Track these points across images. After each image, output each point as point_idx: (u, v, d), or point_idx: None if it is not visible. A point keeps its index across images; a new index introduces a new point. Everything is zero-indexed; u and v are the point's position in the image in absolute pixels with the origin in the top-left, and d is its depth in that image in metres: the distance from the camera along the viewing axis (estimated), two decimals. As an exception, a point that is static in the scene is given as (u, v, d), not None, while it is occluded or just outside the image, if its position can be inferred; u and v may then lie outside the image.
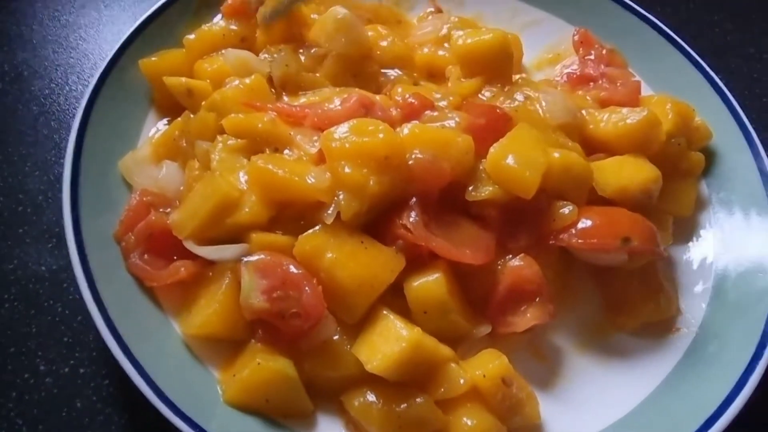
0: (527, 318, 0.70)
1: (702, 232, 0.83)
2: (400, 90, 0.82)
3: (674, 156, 0.83)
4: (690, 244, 0.82)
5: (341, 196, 0.66)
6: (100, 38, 1.05)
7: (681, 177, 0.84)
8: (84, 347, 0.74)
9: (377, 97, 0.79)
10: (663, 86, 0.95)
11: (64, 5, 1.08)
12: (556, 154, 0.74)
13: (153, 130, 0.83)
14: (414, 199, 0.69)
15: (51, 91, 0.97)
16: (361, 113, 0.74)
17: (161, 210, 0.73)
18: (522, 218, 0.73)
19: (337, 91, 0.80)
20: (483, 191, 0.72)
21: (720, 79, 0.92)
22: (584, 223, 0.72)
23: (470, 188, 0.72)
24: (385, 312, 0.66)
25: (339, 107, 0.75)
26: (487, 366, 0.65)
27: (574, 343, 0.75)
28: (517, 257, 0.71)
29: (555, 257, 0.75)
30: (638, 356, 0.75)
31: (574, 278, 0.78)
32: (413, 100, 0.77)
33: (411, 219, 0.68)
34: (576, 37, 0.97)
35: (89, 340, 0.75)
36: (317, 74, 0.84)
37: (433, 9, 1.05)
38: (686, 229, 0.83)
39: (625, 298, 0.76)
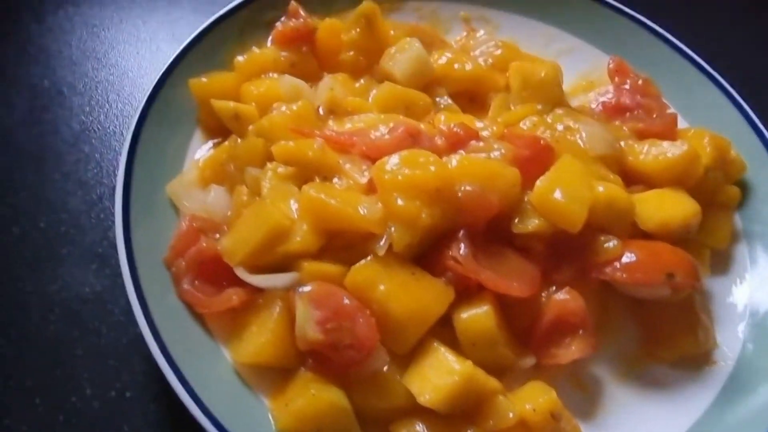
0: (571, 351, 0.71)
1: (738, 264, 0.84)
2: (443, 118, 0.83)
3: (711, 189, 0.84)
4: (726, 276, 0.83)
5: (393, 228, 0.67)
6: (139, 56, 1.05)
7: (717, 209, 0.85)
8: (130, 370, 0.75)
9: (422, 125, 0.80)
10: (696, 117, 0.96)
11: (103, 21, 1.09)
12: (601, 188, 0.75)
13: (198, 153, 0.84)
14: (462, 232, 0.70)
15: (91, 108, 0.98)
16: (408, 143, 0.75)
17: (210, 236, 0.73)
18: (566, 251, 0.74)
19: (382, 118, 0.81)
20: (529, 224, 0.73)
21: (752, 110, 0.94)
22: (628, 258, 0.73)
23: (516, 220, 0.73)
24: (435, 344, 0.66)
25: (387, 136, 0.76)
26: (537, 400, 0.66)
27: (613, 374, 0.76)
28: (562, 290, 0.72)
29: (597, 290, 0.76)
30: (676, 388, 0.76)
31: (613, 310, 0.79)
32: (459, 130, 0.78)
33: (460, 251, 0.69)
34: (611, 65, 0.99)
35: (134, 362, 0.75)
36: (365, 99, 0.85)
37: (466, 33, 1.07)
38: (722, 262, 0.84)
39: (663, 330, 0.77)
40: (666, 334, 0.77)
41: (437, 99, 0.90)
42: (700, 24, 1.20)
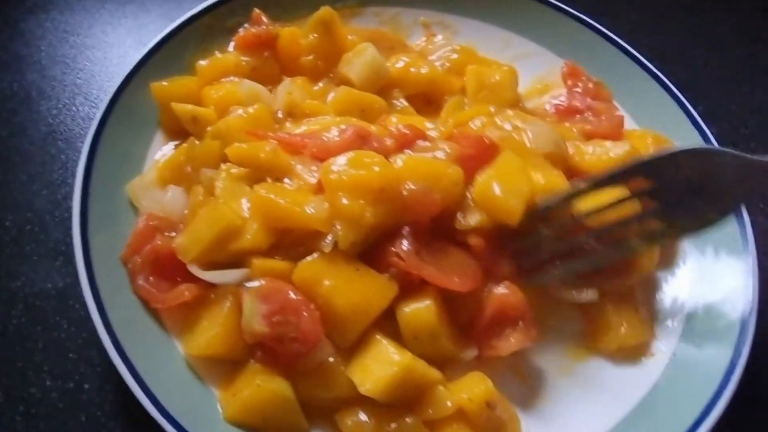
0: (511, 342, 0.74)
1: (678, 259, 0.87)
2: (395, 120, 0.87)
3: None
4: (667, 270, 0.87)
5: (338, 227, 0.71)
6: (107, 60, 1.08)
7: None
8: (89, 363, 0.77)
9: (373, 127, 0.83)
10: (644, 118, 1.00)
11: (73, 26, 1.12)
12: (541, 179, 0.79)
13: (159, 154, 0.87)
14: (406, 229, 0.73)
15: (59, 111, 1.00)
16: (357, 144, 0.78)
17: (166, 234, 0.76)
18: (506, 245, 0.77)
19: (336, 120, 0.85)
20: (471, 219, 0.76)
21: (698, 112, 0.97)
22: None
23: (459, 216, 0.76)
24: (378, 337, 0.70)
25: (337, 138, 0.79)
26: (472, 390, 0.69)
27: (555, 366, 0.79)
28: (502, 284, 0.75)
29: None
30: (616, 378, 0.79)
31: (557, 303, 0.83)
32: (406, 131, 0.81)
33: (404, 247, 0.72)
34: (565, 69, 1.03)
35: (93, 356, 0.78)
36: (323, 102, 0.88)
37: (425, 38, 1.10)
38: (664, 260, 0.87)
39: (603, 323, 0.81)
40: (606, 327, 0.80)
41: (394, 101, 0.94)
42: (650, 25, 1.24)
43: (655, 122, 0.98)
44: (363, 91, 0.90)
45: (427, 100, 0.97)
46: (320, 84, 0.94)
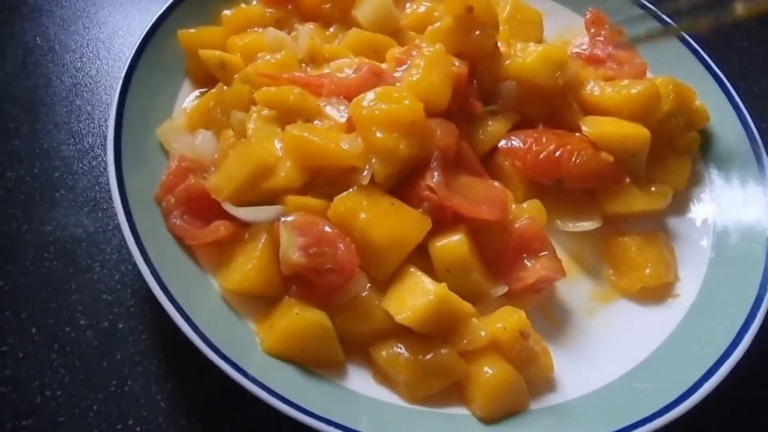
0: (536, 269, 0.75)
1: (700, 204, 0.89)
2: (396, 51, 0.86)
3: (672, 133, 0.89)
4: (689, 217, 0.88)
5: (374, 160, 0.71)
6: (129, 16, 1.08)
7: (677, 153, 0.90)
8: (122, 304, 0.78)
9: (384, 65, 0.84)
10: (665, 72, 1.01)
11: (92, -18, 1.12)
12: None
13: (187, 101, 0.87)
14: (435, 161, 0.74)
15: (83, 64, 1.01)
16: (373, 81, 0.79)
17: (199, 175, 0.77)
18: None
19: (355, 62, 0.85)
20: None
21: (717, 66, 0.98)
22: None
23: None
24: (412, 269, 0.71)
25: (353, 76, 0.80)
26: (506, 320, 0.70)
27: (581, 308, 0.80)
28: (523, 217, 0.76)
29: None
30: (640, 320, 0.80)
31: (585, 249, 0.84)
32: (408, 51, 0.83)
33: (434, 179, 0.73)
34: (589, 16, 1.03)
35: (127, 297, 0.79)
36: (344, 46, 0.89)
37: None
38: (686, 202, 0.89)
39: (627, 262, 0.82)
40: (630, 266, 0.82)
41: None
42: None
43: (676, 75, 0.99)
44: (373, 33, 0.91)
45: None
46: (332, 29, 0.94)
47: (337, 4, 0.95)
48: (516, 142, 0.82)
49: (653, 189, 0.85)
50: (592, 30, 1.01)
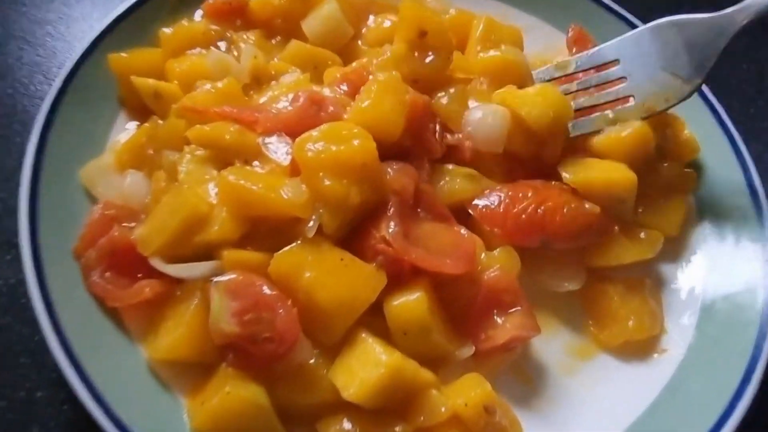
0: (507, 329, 0.67)
1: (691, 251, 0.81)
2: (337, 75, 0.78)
3: (665, 174, 0.81)
4: (679, 263, 0.80)
5: (321, 211, 0.63)
6: (70, 35, 0.99)
7: (670, 193, 0.82)
8: (42, 369, 0.70)
9: (326, 89, 0.75)
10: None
11: (33, 0, 1.03)
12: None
13: (120, 135, 0.78)
14: (391, 208, 0.66)
15: (15, 90, 0.92)
16: (313, 111, 0.71)
17: (125, 224, 0.68)
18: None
19: (292, 86, 0.77)
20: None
21: (709, 89, 0.90)
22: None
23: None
24: (363, 335, 0.62)
25: (290, 108, 0.71)
26: (469, 393, 0.62)
27: (559, 364, 0.73)
28: (492, 268, 0.68)
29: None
30: (625, 377, 0.73)
31: (559, 295, 0.76)
32: (352, 75, 0.75)
33: (390, 230, 0.64)
34: (571, 34, 0.95)
35: (48, 360, 0.70)
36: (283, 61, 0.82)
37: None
38: (675, 248, 0.80)
39: (609, 313, 0.74)
40: (612, 318, 0.74)
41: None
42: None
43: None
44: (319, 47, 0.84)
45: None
46: (275, 40, 0.87)
47: (288, 17, 0.87)
48: (490, 202, 0.72)
49: (642, 236, 0.77)
50: (575, 49, 0.93)
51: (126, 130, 0.79)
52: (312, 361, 0.62)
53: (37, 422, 0.66)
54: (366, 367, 0.60)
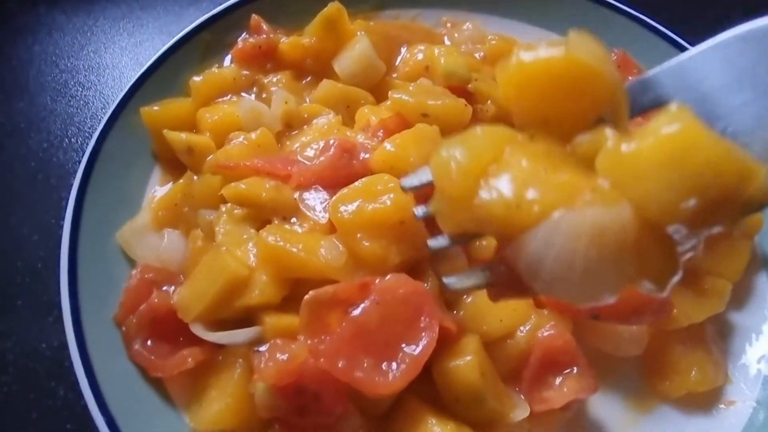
0: (564, 393, 0.63)
1: (757, 295, 0.75)
2: (374, 118, 0.75)
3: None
4: (745, 307, 0.75)
5: (361, 274, 0.61)
6: (101, 83, 0.99)
7: (732, 238, 0.75)
8: (88, 435, 0.69)
9: (360, 135, 0.73)
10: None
11: (63, 49, 1.03)
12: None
13: (157, 191, 0.77)
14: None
15: (50, 144, 0.92)
16: (345, 159, 0.69)
17: (164, 288, 0.67)
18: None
19: (325, 130, 0.75)
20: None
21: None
22: None
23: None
24: (415, 404, 0.60)
25: (321, 159, 0.69)
26: (528, 466, 0.59)
27: (618, 420, 0.69)
28: (546, 326, 0.64)
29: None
30: (690, 431, 0.68)
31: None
32: (387, 123, 0.72)
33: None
34: (614, 59, 0.89)
35: (95, 427, 0.69)
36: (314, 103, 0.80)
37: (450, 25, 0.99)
38: (740, 291, 0.75)
39: (668, 363, 0.70)
40: (671, 368, 0.69)
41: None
42: (696, 22, 1.11)
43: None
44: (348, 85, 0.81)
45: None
46: (306, 80, 0.85)
47: (319, 57, 0.85)
48: None
49: (707, 287, 0.71)
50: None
51: (162, 186, 0.78)
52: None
53: (84, 492, 0.66)
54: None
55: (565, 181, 0.43)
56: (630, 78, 0.88)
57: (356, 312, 0.57)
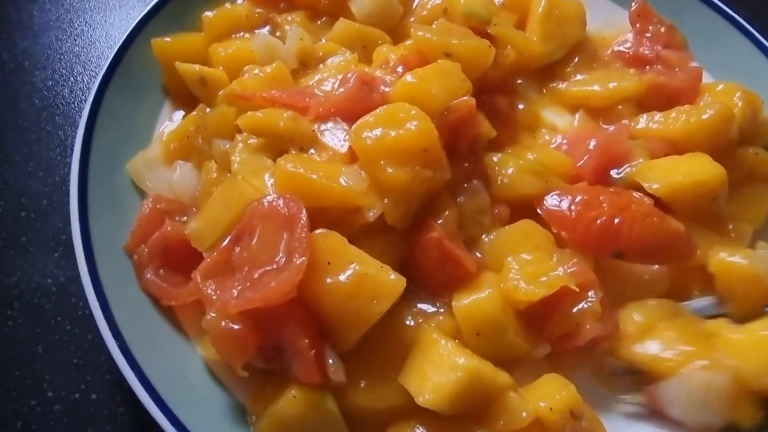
0: (586, 330, 0.62)
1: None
2: (392, 56, 0.73)
3: (751, 162, 0.74)
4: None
5: (386, 201, 0.59)
6: (108, 24, 0.96)
7: (754, 181, 0.74)
8: (96, 370, 0.67)
9: (378, 70, 0.70)
10: (723, 71, 0.86)
11: (68, -13, 1.00)
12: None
13: (166, 125, 0.75)
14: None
15: (55, 82, 0.89)
16: (364, 92, 0.66)
17: (177, 218, 0.65)
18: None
19: (342, 66, 0.73)
20: None
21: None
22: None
23: None
24: (434, 336, 0.58)
25: (341, 90, 0.67)
26: (553, 397, 0.57)
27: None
28: (569, 263, 0.63)
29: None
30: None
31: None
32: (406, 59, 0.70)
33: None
34: (634, 8, 0.88)
35: (101, 361, 0.68)
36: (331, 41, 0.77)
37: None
38: (762, 235, 0.73)
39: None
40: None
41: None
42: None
43: (738, 76, 0.83)
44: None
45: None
46: (321, 20, 0.82)
47: (334, -1, 0.82)
48: (560, 203, 0.66)
49: (729, 229, 0.70)
50: (638, 25, 0.86)
51: (172, 120, 0.76)
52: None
53: (92, 425, 0.64)
54: (441, 372, 0.55)
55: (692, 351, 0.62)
56: (649, 27, 0.88)
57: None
